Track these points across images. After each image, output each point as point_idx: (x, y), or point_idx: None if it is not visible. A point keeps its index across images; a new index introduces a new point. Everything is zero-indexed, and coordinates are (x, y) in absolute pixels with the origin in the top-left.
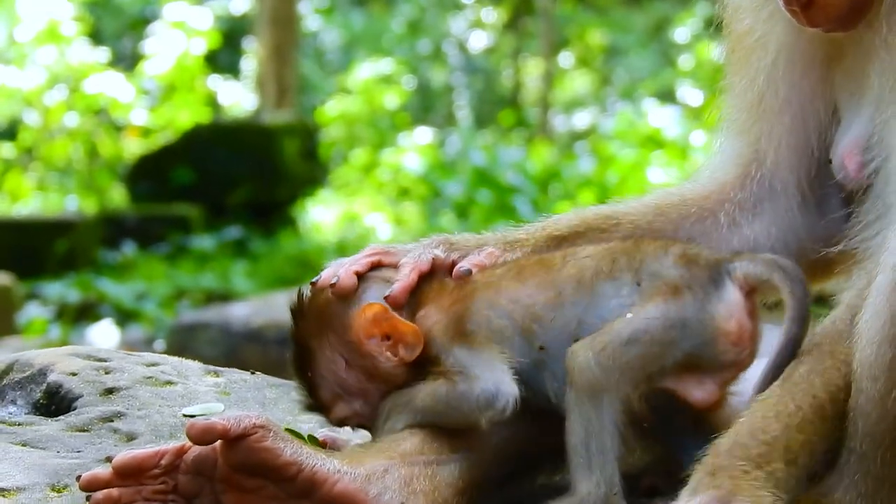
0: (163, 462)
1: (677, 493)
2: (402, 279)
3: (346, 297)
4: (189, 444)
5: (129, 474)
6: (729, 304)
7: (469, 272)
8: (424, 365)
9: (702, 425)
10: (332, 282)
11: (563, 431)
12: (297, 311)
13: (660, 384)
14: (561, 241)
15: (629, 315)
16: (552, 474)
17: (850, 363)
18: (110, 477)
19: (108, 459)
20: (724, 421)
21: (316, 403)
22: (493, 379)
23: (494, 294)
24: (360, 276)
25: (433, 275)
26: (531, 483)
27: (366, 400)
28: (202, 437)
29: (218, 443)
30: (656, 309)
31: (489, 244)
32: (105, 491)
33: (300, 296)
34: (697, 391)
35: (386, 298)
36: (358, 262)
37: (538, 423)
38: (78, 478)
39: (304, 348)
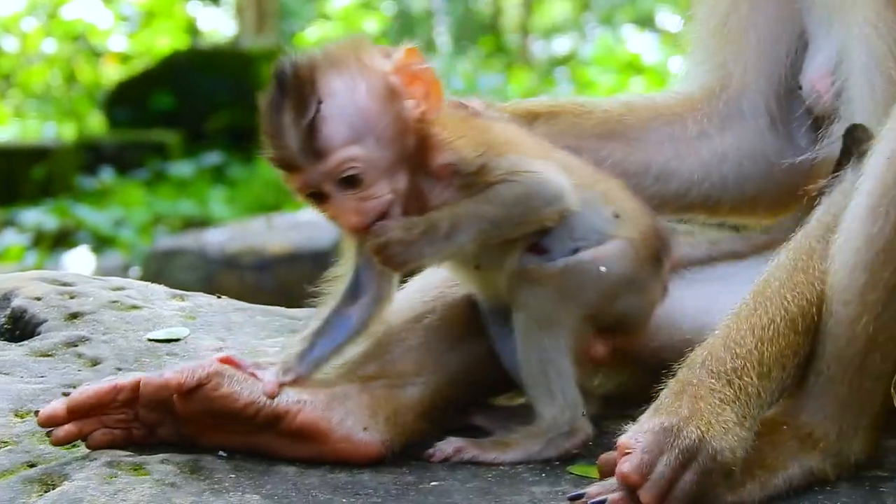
0: (119, 398)
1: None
2: None
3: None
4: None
5: (85, 412)
6: (664, 283)
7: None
8: (447, 182)
9: None
10: None
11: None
12: (301, 59)
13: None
14: (537, 116)
15: (602, 269)
16: (510, 398)
17: (822, 280)
18: (68, 414)
19: (67, 394)
20: None
21: (315, 148)
22: (554, 172)
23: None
24: None
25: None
26: (490, 407)
27: (379, 146)
28: (158, 393)
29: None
30: (628, 269)
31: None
32: (64, 428)
33: (298, 53)
34: (601, 347)
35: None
36: None
37: (495, 344)
38: (36, 413)
39: (310, 82)
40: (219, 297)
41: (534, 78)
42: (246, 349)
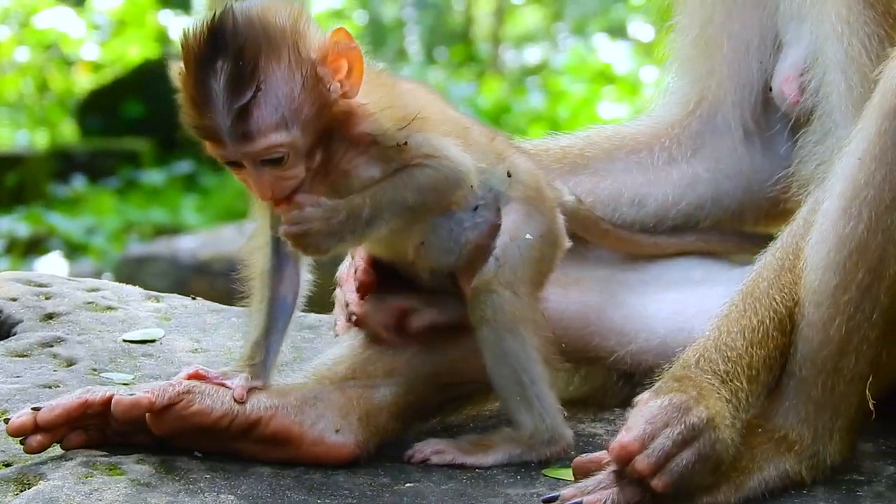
0: (90, 412)
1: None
2: None
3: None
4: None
5: (55, 427)
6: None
7: None
8: (357, 148)
9: None
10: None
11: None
12: (237, 23)
13: None
14: None
15: (528, 236)
16: (481, 404)
17: None
18: (38, 428)
19: (36, 408)
20: None
21: (244, 131)
22: (462, 153)
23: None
24: None
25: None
26: (460, 413)
27: (303, 134)
28: (128, 413)
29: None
30: (541, 225)
31: None
32: (37, 439)
33: (228, 12)
34: None
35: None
36: None
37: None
38: (6, 421)
39: (250, 61)
40: (193, 299)
41: (505, 87)
42: (221, 350)
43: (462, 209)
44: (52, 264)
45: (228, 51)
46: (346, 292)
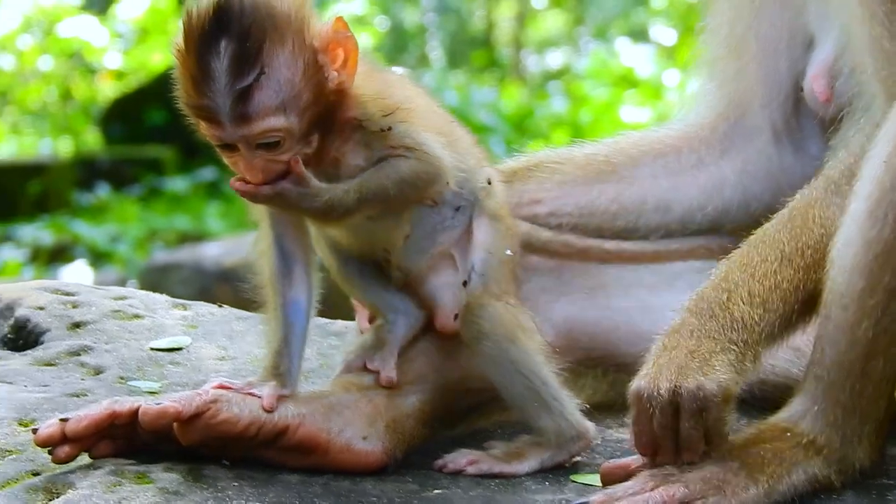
0: (117, 423)
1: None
2: None
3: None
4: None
5: (83, 438)
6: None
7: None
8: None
9: None
10: None
11: None
12: (243, 5)
13: None
14: (514, 174)
15: (509, 252)
16: (507, 412)
17: (824, 226)
18: (65, 438)
19: (64, 420)
20: None
21: (243, 112)
22: (442, 150)
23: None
24: None
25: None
26: (487, 419)
27: (300, 119)
28: (156, 422)
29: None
30: (514, 243)
31: None
32: (65, 450)
33: None
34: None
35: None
36: None
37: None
38: (34, 431)
39: (255, 44)
40: (220, 307)
41: (527, 92)
42: (248, 357)
43: (446, 206)
44: (77, 272)
45: (233, 32)
46: (360, 319)
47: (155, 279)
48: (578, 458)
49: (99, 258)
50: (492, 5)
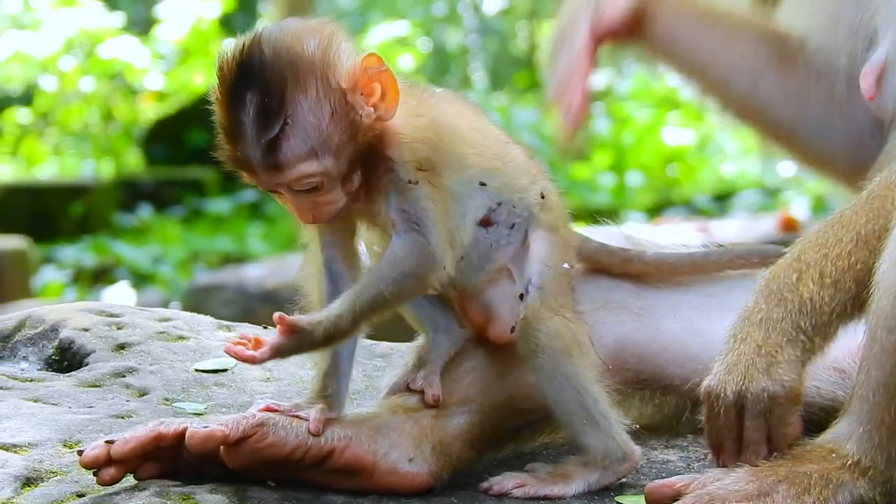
0: (163, 445)
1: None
2: None
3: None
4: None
5: (128, 460)
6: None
7: None
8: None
9: None
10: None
11: None
12: (264, 55)
13: None
14: None
15: (566, 265)
16: (556, 431)
17: None
18: (111, 461)
19: (110, 441)
20: None
21: (273, 163)
22: (441, 242)
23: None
24: None
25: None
26: (534, 440)
27: (336, 161)
28: (202, 446)
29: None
30: (571, 256)
31: None
32: (110, 472)
33: (256, 41)
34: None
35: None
36: None
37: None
38: (80, 453)
39: (276, 95)
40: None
41: None
42: (292, 379)
43: (500, 225)
44: (120, 294)
45: (256, 84)
46: None
47: (197, 300)
48: (624, 481)
49: (141, 280)
50: (534, 27)
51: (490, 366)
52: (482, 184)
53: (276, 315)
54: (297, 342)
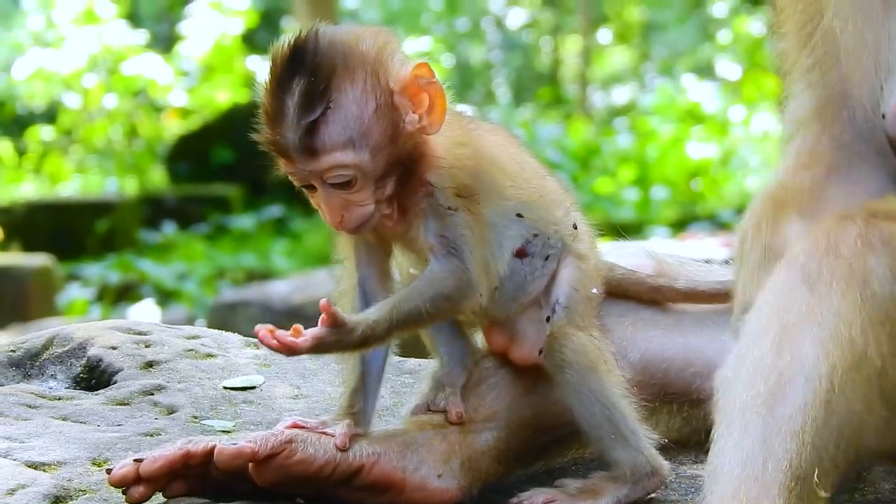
0: (191, 463)
1: None
2: None
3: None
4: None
5: (157, 478)
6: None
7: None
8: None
9: None
10: None
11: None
12: (319, 44)
13: None
14: None
15: (595, 290)
16: (585, 447)
17: None
18: (139, 479)
19: (139, 460)
20: None
21: (310, 146)
22: (476, 269)
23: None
24: None
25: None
26: (563, 456)
27: (373, 158)
28: (230, 462)
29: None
30: (598, 283)
31: None
32: (139, 490)
33: (314, 32)
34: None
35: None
36: None
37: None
38: (108, 471)
39: (324, 80)
40: None
41: (593, 128)
42: (321, 396)
43: (536, 257)
44: (145, 311)
45: (306, 69)
46: None
47: (223, 317)
48: (653, 496)
49: (166, 297)
50: (557, 42)
51: (513, 383)
52: (519, 215)
53: (323, 301)
54: (336, 337)
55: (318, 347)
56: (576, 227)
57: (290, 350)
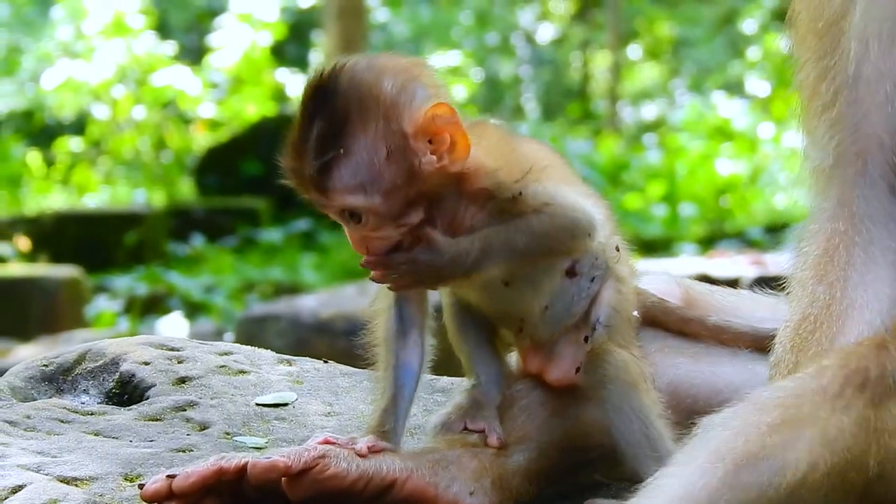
0: (224, 479)
1: None
2: None
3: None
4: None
5: (189, 494)
6: None
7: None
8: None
9: None
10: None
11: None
12: (339, 84)
13: None
14: None
15: (635, 313)
16: (614, 467)
17: None
18: (172, 494)
19: (171, 476)
20: None
21: (321, 186)
22: (587, 203)
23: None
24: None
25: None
26: (593, 476)
27: (386, 200)
28: (263, 477)
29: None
30: (636, 306)
31: None
32: None
33: (339, 69)
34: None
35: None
36: None
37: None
38: (141, 486)
39: (338, 124)
40: (326, 362)
41: (622, 144)
42: (353, 414)
43: (584, 277)
44: (173, 324)
45: (326, 108)
46: None
47: (251, 331)
48: None
49: (194, 309)
50: (587, 57)
51: (544, 405)
52: None
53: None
54: (430, 259)
55: (415, 266)
56: (618, 250)
57: (385, 267)
